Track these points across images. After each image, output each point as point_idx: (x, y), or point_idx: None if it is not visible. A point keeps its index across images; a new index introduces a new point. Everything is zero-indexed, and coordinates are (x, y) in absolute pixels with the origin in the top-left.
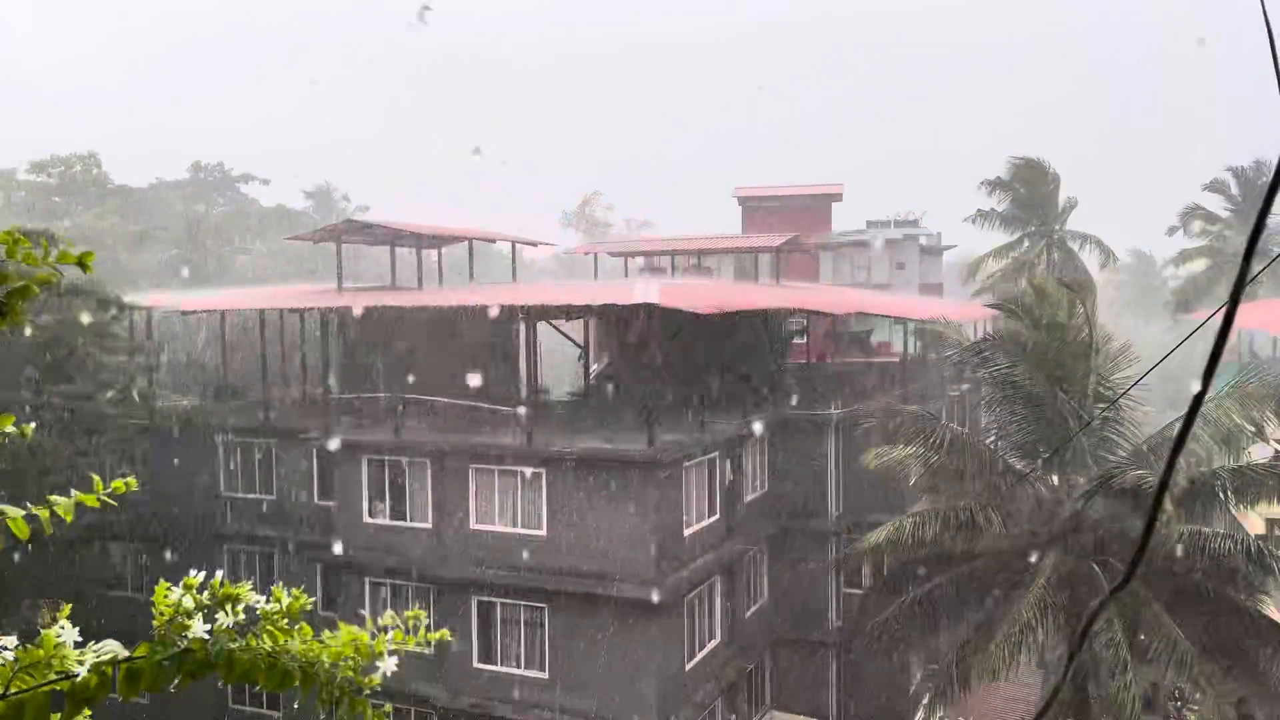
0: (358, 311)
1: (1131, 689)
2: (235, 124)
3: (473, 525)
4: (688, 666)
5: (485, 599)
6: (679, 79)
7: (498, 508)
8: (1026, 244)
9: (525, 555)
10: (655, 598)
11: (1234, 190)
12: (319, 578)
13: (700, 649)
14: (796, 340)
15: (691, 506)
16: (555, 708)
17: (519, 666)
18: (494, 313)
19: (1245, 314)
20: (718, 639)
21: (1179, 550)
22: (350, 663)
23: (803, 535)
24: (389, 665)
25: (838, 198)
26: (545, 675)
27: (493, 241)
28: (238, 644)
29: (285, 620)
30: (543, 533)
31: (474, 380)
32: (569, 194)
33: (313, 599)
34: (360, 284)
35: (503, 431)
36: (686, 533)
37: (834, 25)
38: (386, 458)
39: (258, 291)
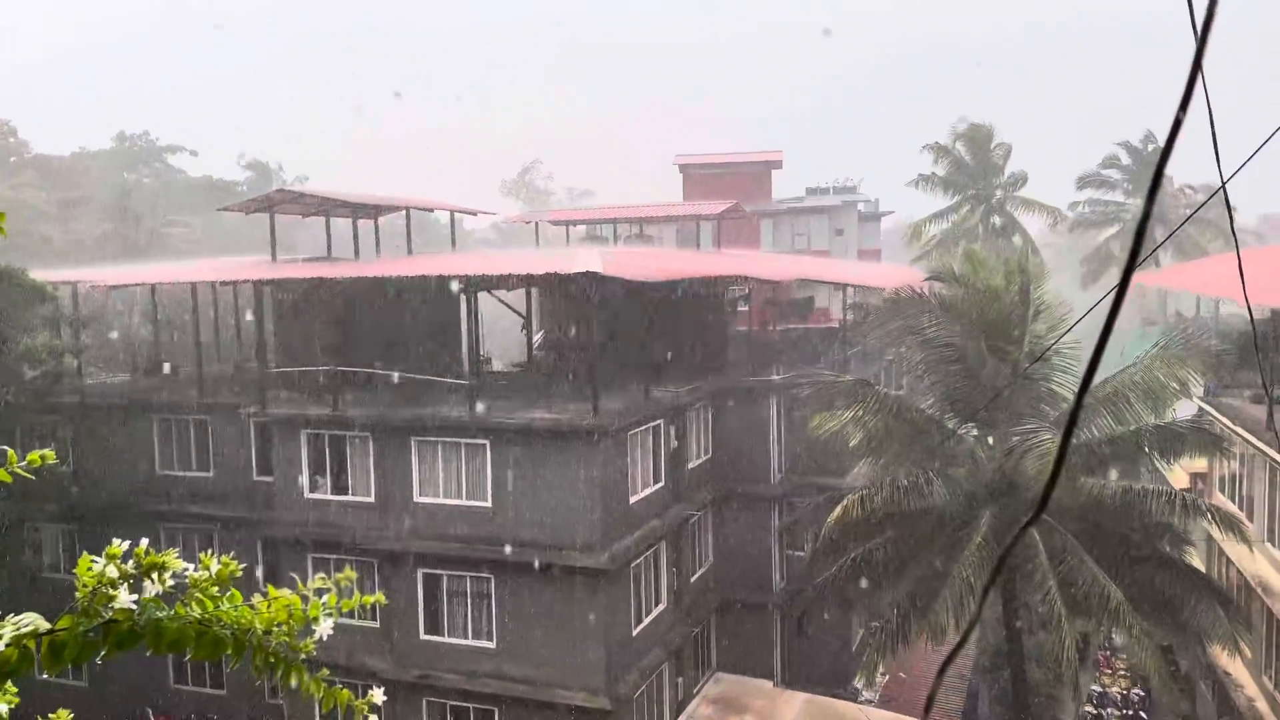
0: (292, 284)
1: (1067, 640)
2: (160, 94)
3: (416, 498)
4: (635, 632)
5: (431, 571)
6: (618, 47)
7: (442, 480)
8: (966, 209)
9: (470, 526)
10: (602, 565)
11: (1126, 161)
12: (260, 554)
13: (647, 614)
14: (739, 307)
15: (637, 474)
16: (503, 676)
17: (466, 637)
18: (434, 283)
19: (1170, 276)
20: (664, 604)
21: (1109, 504)
22: (284, 629)
23: (746, 500)
24: (325, 629)
25: (777, 165)
26: (493, 645)
27: (431, 211)
28: (165, 613)
29: (215, 588)
30: (488, 504)
31: (415, 352)
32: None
33: (243, 566)
34: (296, 256)
35: (445, 403)
36: (632, 500)
37: None
38: (326, 432)
39: (190, 265)
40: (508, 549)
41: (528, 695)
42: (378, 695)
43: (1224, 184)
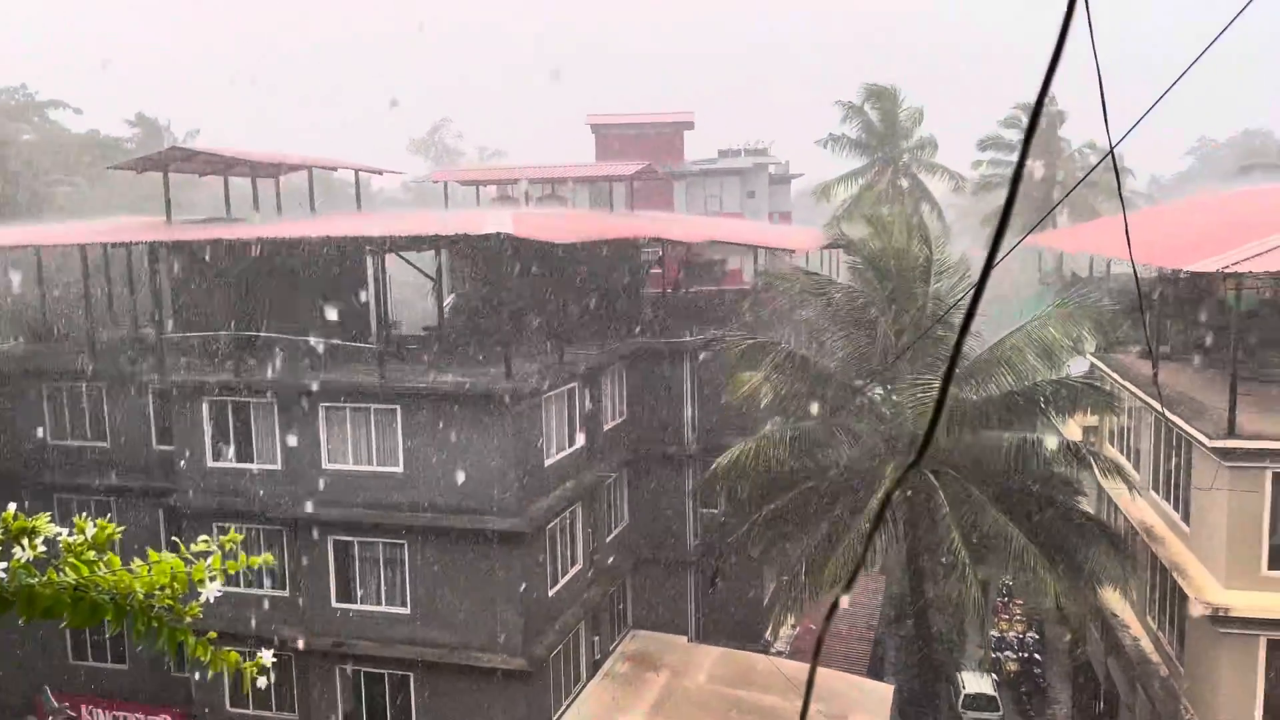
0: (189, 245)
1: (973, 588)
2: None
3: (325, 465)
4: (551, 593)
5: (342, 538)
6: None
7: (351, 446)
8: (874, 171)
9: (382, 492)
10: (517, 528)
11: (1025, 123)
12: (162, 526)
13: (563, 575)
14: (653, 269)
15: (551, 436)
16: (418, 642)
17: (380, 603)
18: (339, 245)
19: (1062, 239)
20: (580, 564)
21: (1008, 456)
22: (167, 593)
23: (661, 460)
24: (212, 591)
25: (689, 126)
26: (407, 610)
27: (334, 170)
28: (38, 579)
29: (91, 552)
30: (399, 469)
31: (320, 316)
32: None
33: (145, 538)
34: (193, 217)
35: (353, 368)
36: (547, 462)
37: None
38: (229, 399)
39: (79, 226)
40: (421, 515)
41: (443, 660)
42: (266, 657)
43: (1113, 148)
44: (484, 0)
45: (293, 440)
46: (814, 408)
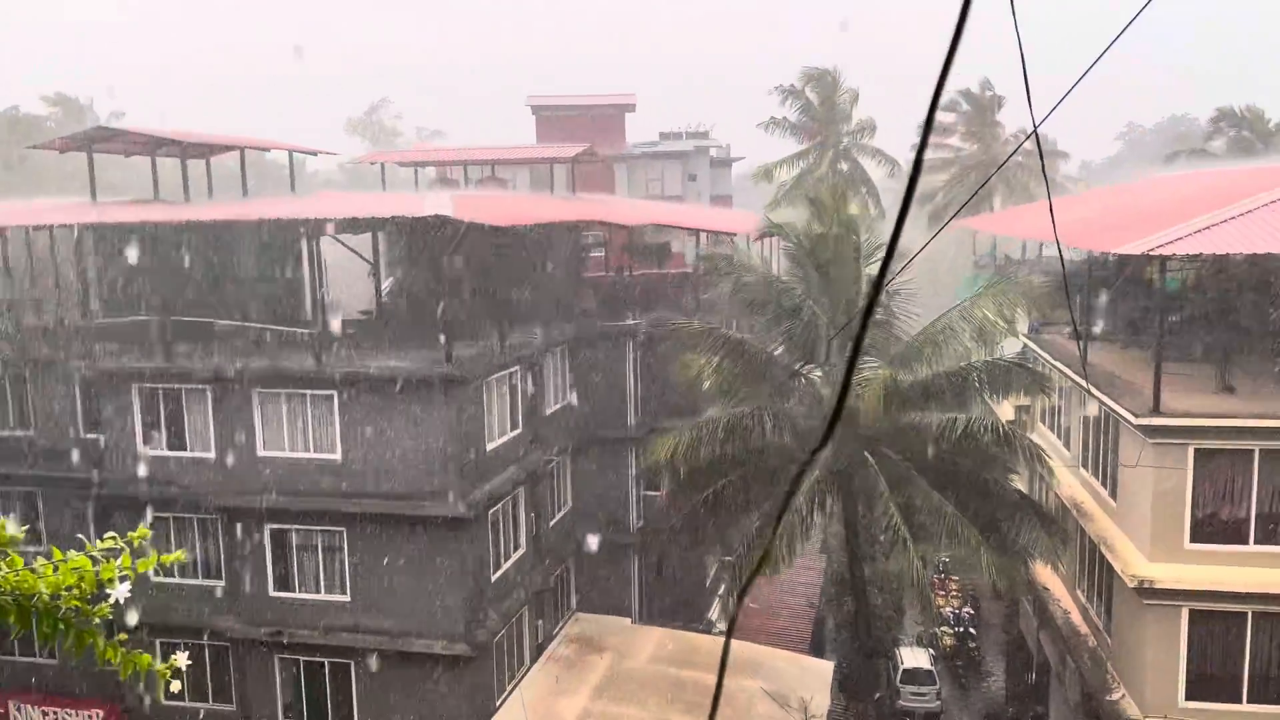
0: (116, 228)
1: (914, 563)
2: None
3: (261, 452)
4: (494, 577)
5: (279, 526)
6: None
7: (287, 432)
8: (814, 155)
9: (320, 479)
10: (458, 513)
11: (965, 107)
12: (90, 516)
13: (506, 560)
14: (595, 253)
15: (493, 421)
16: (359, 629)
17: (319, 591)
18: (273, 228)
19: (996, 222)
20: (523, 549)
21: (943, 436)
22: (75, 593)
23: (604, 443)
24: (122, 591)
25: (631, 108)
26: (347, 598)
27: (267, 151)
28: None
29: None
30: (337, 456)
31: (254, 300)
32: (355, 103)
33: (74, 529)
34: (120, 198)
35: (289, 353)
36: (489, 447)
37: None
38: (160, 386)
39: None
40: (360, 501)
41: (385, 647)
42: (181, 659)
43: (1034, 130)
44: None
45: (227, 427)
46: (754, 391)
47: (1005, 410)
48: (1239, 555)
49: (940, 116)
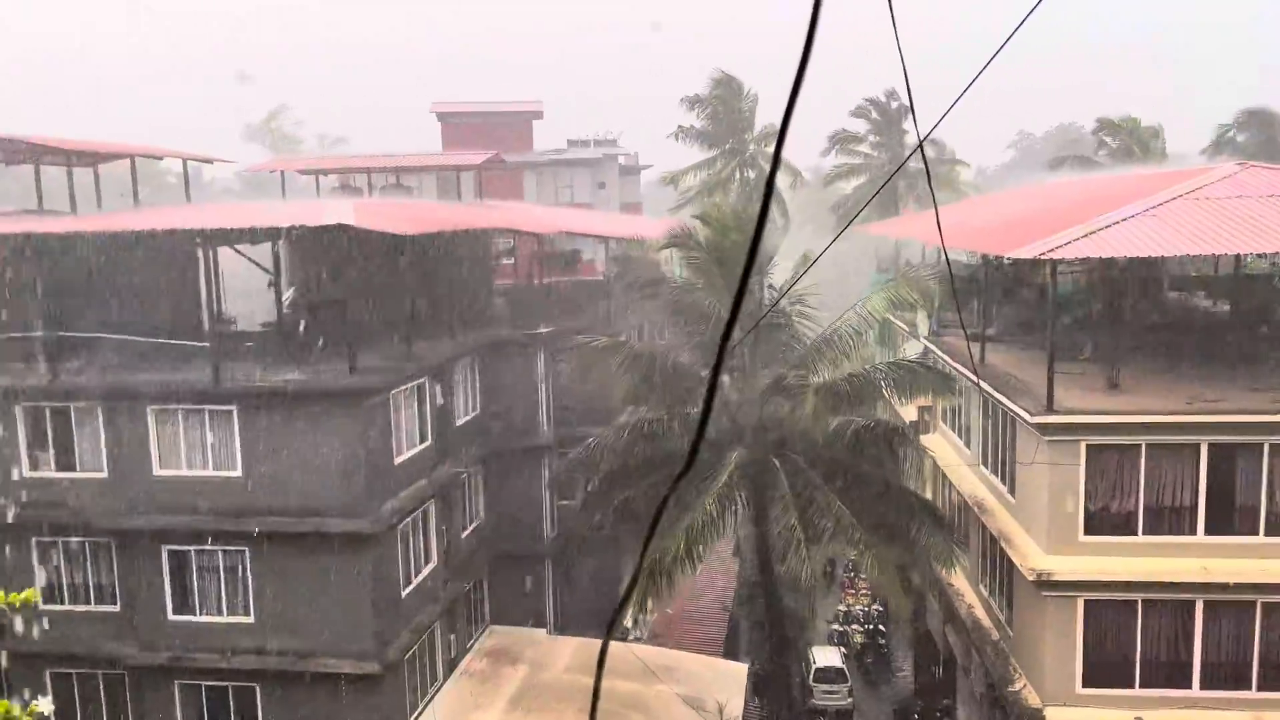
0: None
1: (808, 564)
2: None
3: (157, 471)
4: (404, 593)
5: (177, 548)
6: None
7: (185, 450)
8: (720, 163)
9: (220, 498)
10: (365, 529)
11: (875, 116)
12: None
13: (417, 574)
14: (505, 260)
15: (401, 434)
16: (264, 651)
17: (221, 613)
18: (167, 238)
19: (898, 227)
20: (434, 562)
21: (847, 438)
22: None
23: (517, 453)
24: None
25: (538, 115)
26: (251, 619)
27: (160, 159)
28: None
29: None
30: (238, 473)
31: (148, 314)
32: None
33: None
34: (2, 208)
35: (186, 368)
36: (397, 460)
37: None
38: (47, 404)
39: None
40: (262, 519)
41: (291, 668)
42: (44, 704)
43: (920, 143)
44: None
45: (119, 447)
46: (664, 396)
47: (909, 411)
48: (1129, 546)
49: (850, 125)
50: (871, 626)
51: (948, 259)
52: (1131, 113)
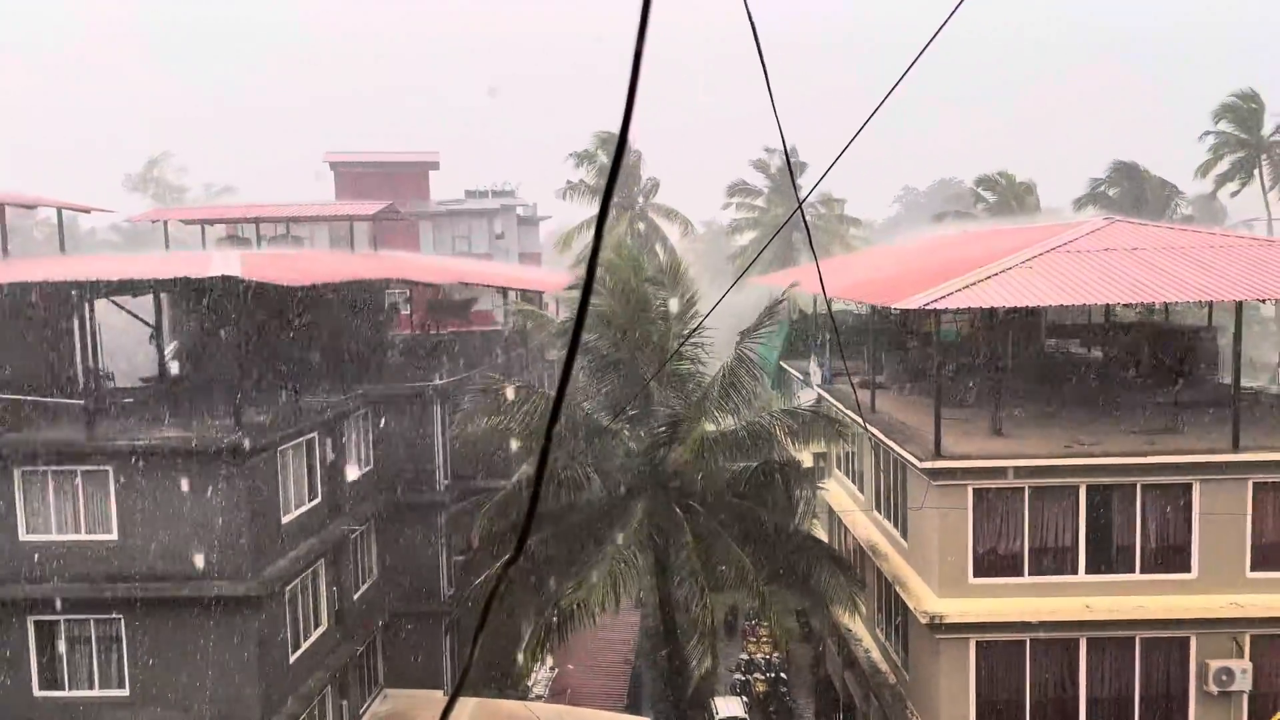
0: None
1: (710, 612)
2: None
3: (23, 536)
4: (292, 659)
5: (43, 618)
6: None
7: (54, 513)
8: (612, 216)
9: (93, 563)
10: (249, 592)
11: (773, 169)
12: None
13: (306, 638)
14: (400, 310)
15: (289, 491)
16: None
17: (93, 688)
18: (39, 291)
19: (790, 278)
20: (324, 625)
21: (745, 486)
22: None
23: (412, 509)
24: None
25: (435, 166)
26: (126, 693)
27: (32, 208)
28: None
29: None
30: (113, 537)
31: (17, 369)
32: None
33: None
34: None
35: (56, 426)
36: (284, 519)
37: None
38: None
39: None
40: (139, 585)
41: None
42: None
43: (800, 204)
44: (210, 31)
45: None
46: (565, 447)
47: (805, 457)
48: (1016, 587)
49: (749, 177)
50: (773, 674)
51: (830, 310)
52: (1006, 168)
